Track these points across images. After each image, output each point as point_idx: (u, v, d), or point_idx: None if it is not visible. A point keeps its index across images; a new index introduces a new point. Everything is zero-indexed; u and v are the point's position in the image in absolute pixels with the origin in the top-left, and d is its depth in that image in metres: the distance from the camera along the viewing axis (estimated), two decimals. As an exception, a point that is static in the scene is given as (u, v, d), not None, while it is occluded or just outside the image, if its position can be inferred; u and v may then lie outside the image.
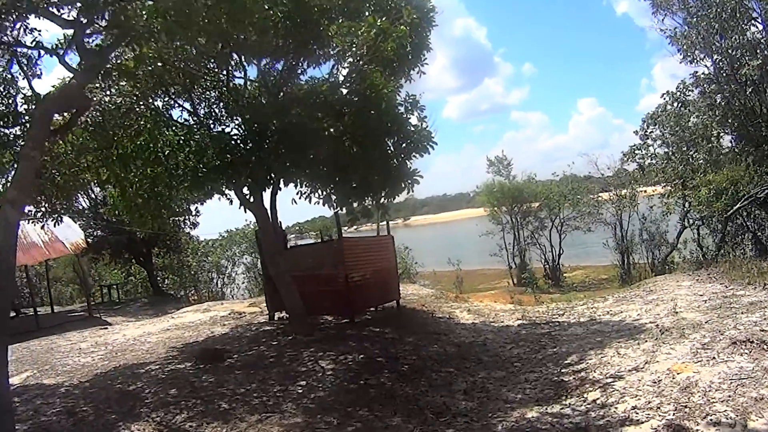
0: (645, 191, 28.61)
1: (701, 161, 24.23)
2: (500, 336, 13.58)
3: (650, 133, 27.45)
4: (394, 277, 16.92)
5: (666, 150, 26.99)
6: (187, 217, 31.62)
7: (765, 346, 8.99)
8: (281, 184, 13.46)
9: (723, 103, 16.42)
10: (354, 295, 14.69)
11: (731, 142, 17.08)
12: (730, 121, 16.20)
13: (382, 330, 13.98)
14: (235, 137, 12.53)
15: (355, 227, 14.56)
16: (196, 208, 30.25)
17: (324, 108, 12.14)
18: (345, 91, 12.79)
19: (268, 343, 13.13)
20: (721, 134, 17.91)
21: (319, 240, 19.86)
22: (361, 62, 12.48)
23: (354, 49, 12.34)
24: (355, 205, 13.49)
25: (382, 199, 13.53)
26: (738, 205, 19.22)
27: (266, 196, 13.77)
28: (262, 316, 16.90)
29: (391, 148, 12.71)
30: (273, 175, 12.97)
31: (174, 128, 12.68)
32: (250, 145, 12.25)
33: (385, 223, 17.89)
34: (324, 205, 13.39)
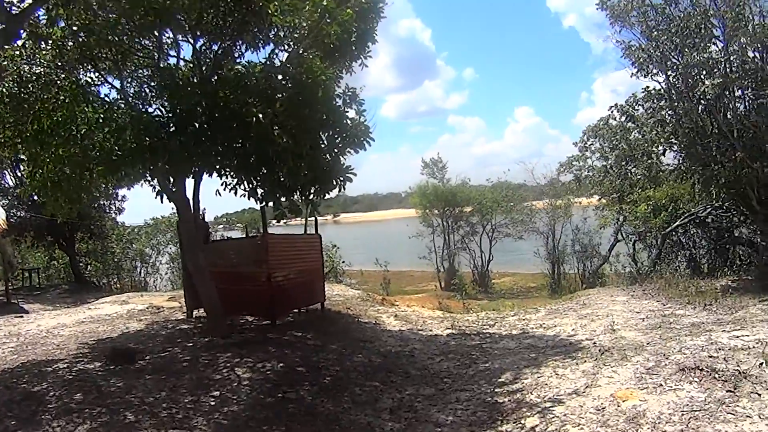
0: (580, 202, 28.25)
1: (640, 177, 23.93)
2: (428, 346, 12.48)
3: (590, 145, 27.09)
4: (320, 278, 15.69)
5: (604, 163, 26.69)
6: (113, 201, 30.05)
7: (716, 375, 8.22)
8: (205, 174, 12.01)
9: (673, 120, 15.70)
10: (276, 296, 13.39)
11: (679, 159, 16.33)
12: (679, 138, 15.48)
13: (305, 335, 12.69)
14: (158, 118, 10.94)
15: (284, 222, 13.21)
16: (122, 193, 28.55)
17: (255, 93, 10.71)
18: (280, 77, 11.41)
19: (183, 344, 11.70)
20: (668, 151, 17.18)
21: (245, 234, 18.46)
22: (300, 46, 11.42)
23: (294, 30, 11.42)
24: (282, 200, 12.15)
25: (312, 196, 12.25)
26: (677, 223, 18.84)
27: (189, 185, 12.33)
28: (180, 312, 15.41)
29: (325, 142, 11.43)
30: (196, 163, 11.41)
31: (94, 105, 11.08)
32: (173, 128, 10.68)
33: (313, 220, 16.58)
34: (249, 198, 12.02)
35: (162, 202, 12.21)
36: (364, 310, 16.44)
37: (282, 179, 11.30)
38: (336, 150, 11.44)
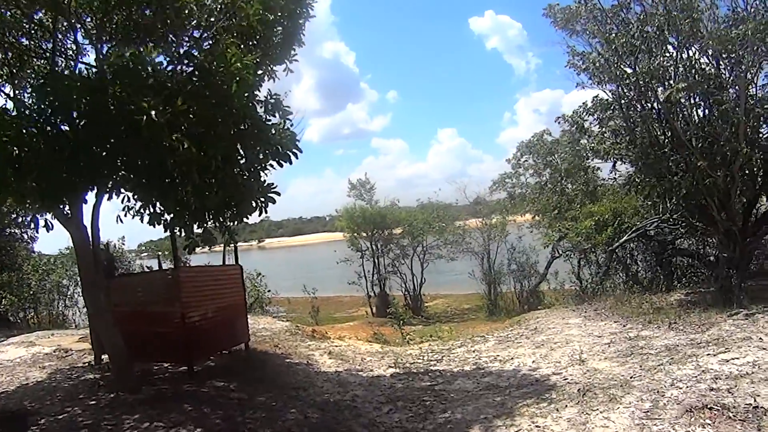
0: (514, 220, 26.78)
1: (577, 192, 22.72)
2: (372, 392, 10.20)
3: (523, 161, 25.82)
4: (243, 314, 13.10)
5: (537, 180, 25.44)
6: (24, 229, 26.15)
7: (730, 414, 6.78)
8: (95, 194, 9.54)
9: (628, 129, 14.26)
10: (193, 339, 10.90)
11: (633, 171, 14.86)
12: (634, 149, 14.02)
13: (228, 385, 10.22)
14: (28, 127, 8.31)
15: (207, 248, 10.66)
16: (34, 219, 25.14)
17: (148, 86, 8.16)
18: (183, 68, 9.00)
19: (86, 401, 9.09)
20: (620, 162, 15.75)
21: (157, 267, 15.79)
22: (212, 30, 9.18)
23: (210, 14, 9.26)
24: (196, 226, 9.79)
25: (228, 221, 9.83)
26: (625, 237, 17.46)
27: (89, 209, 9.80)
28: (90, 355, 12.65)
29: (241, 152, 8.99)
30: (75, 180, 8.73)
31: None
32: (45, 137, 8.09)
33: (233, 248, 14.02)
34: (153, 225, 9.58)
35: (48, 231, 9.66)
36: (294, 347, 14.10)
37: (187, 200, 8.84)
38: (256, 163, 9.06)
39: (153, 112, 7.47)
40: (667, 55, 13.60)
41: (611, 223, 18.21)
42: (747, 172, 13.23)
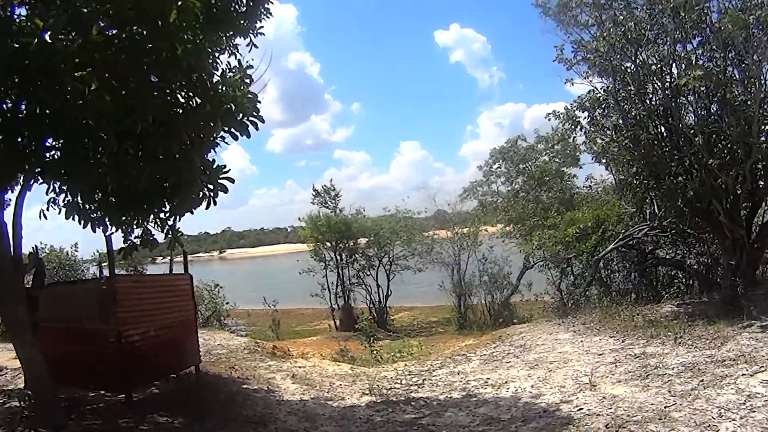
0: (486, 229, 24.97)
1: (553, 200, 21.14)
2: (347, 428, 8.06)
3: (496, 168, 24.14)
4: (193, 332, 10.83)
5: (509, 188, 23.79)
6: None
7: None
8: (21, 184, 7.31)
9: (628, 127, 12.56)
10: (131, 362, 8.67)
11: (633, 173, 13.09)
12: (630, 147, 12.33)
13: (171, 421, 8.04)
14: None
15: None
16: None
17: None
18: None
19: None
20: (613, 163, 14.09)
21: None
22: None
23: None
24: (135, 225, 7.65)
25: (168, 214, 7.61)
26: (612, 246, 15.80)
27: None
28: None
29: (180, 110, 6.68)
30: None
31: None
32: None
33: (183, 256, 11.68)
34: (68, 217, 7.37)
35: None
36: (253, 369, 11.89)
37: (105, 176, 6.51)
38: (203, 133, 6.71)
39: (48, 34, 5.20)
40: (672, 46, 11.96)
41: (594, 231, 16.56)
42: (762, 172, 11.58)
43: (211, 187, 7.09)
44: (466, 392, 9.40)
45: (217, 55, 7.91)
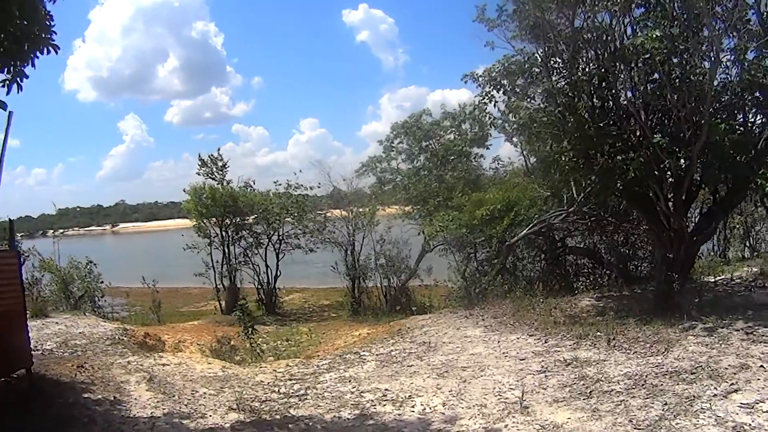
0: (384, 209, 22.72)
1: (459, 179, 19.21)
2: None
3: (397, 144, 21.93)
4: (18, 327, 7.77)
5: (410, 166, 21.69)
6: None
7: None
8: None
9: (560, 95, 10.57)
10: None
11: (562, 149, 11.01)
12: (560, 119, 10.36)
13: None
14: None
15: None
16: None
17: None
18: None
19: None
20: (536, 138, 12.15)
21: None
22: None
23: None
24: None
25: None
26: (526, 231, 13.94)
27: None
28: None
29: None
30: None
31: None
32: None
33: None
34: None
35: None
36: (107, 368, 9.04)
37: None
38: None
39: None
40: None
41: (506, 215, 14.67)
42: (707, 157, 9.79)
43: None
44: (360, 410, 7.04)
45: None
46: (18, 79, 6.36)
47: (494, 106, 12.61)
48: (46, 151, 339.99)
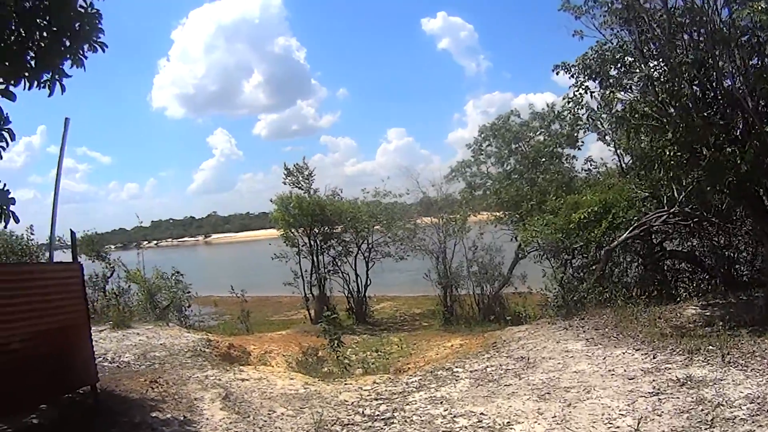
0: (476, 215, 22.19)
1: (552, 182, 18.48)
2: None
3: (486, 147, 21.38)
4: (83, 341, 7.81)
5: (500, 169, 21.07)
6: None
7: None
8: None
9: (662, 80, 9.83)
10: None
11: (665, 142, 10.24)
12: (666, 104, 9.63)
13: None
14: None
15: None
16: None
17: None
18: None
19: None
20: (633, 131, 11.39)
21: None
22: None
23: None
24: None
25: None
26: (626, 235, 13.11)
27: None
28: None
29: None
30: None
31: None
32: None
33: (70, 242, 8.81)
34: None
35: None
36: (182, 383, 9.05)
37: None
38: None
39: None
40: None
41: (603, 218, 13.91)
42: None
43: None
44: (453, 437, 6.67)
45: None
46: (59, 78, 6.37)
47: (591, 96, 11.87)
48: (138, 166, 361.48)
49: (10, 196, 6.20)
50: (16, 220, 6.34)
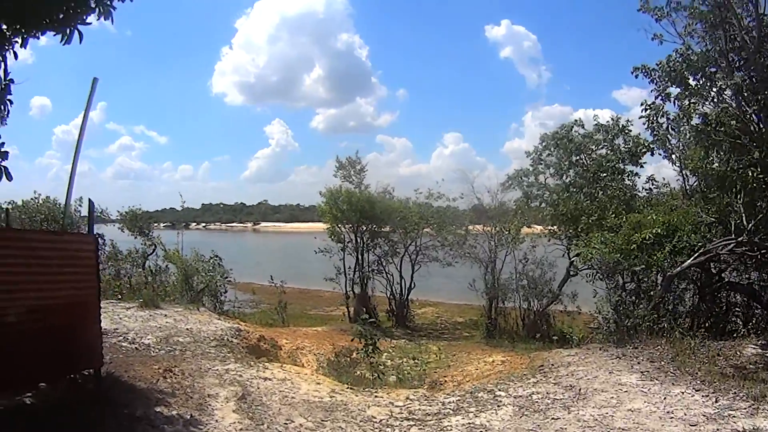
0: (530, 227, 21.48)
1: (612, 198, 17.65)
2: None
3: (546, 156, 20.64)
4: (90, 322, 7.39)
5: (558, 181, 20.30)
6: None
7: None
8: None
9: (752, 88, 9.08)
10: None
11: (751, 164, 9.54)
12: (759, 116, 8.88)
13: None
14: None
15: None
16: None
17: None
18: None
19: None
20: (719, 148, 10.67)
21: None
22: None
23: None
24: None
25: None
26: (689, 261, 12.31)
27: None
28: None
29: None
30: None
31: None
32: None
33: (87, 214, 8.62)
34: None
35: None
36: (199, 375, 8.75)
37: None
38: None
39: None
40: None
41: (667, 241, 13.12)
42: None
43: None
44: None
45: None
46: (75, 26, 6.25)
47: (673, 103, 11.10)
48: (193, 149, 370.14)
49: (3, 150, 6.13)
50: (9, 178, 6.08)
